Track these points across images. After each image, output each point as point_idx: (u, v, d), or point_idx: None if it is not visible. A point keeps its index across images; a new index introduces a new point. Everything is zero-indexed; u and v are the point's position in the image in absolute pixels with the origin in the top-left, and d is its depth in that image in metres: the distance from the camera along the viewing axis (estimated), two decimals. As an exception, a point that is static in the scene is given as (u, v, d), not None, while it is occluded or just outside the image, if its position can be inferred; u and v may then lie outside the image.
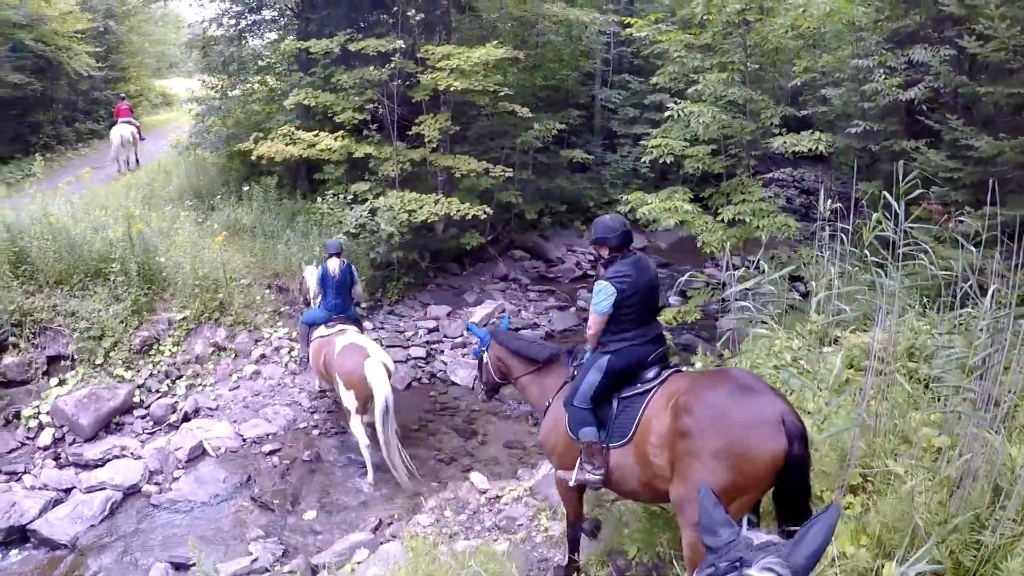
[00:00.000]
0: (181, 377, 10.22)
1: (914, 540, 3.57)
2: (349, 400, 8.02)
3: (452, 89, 12.23)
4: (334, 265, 8.90)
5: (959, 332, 5.02)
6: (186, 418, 9.53)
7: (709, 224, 10.30)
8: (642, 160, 11.52)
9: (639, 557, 5.03)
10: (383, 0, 13.95)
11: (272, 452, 8.87)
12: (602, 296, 4.52)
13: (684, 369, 4.90)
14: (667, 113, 9.92)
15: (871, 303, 5.97)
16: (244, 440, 9.15)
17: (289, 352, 10.94)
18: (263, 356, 10.86)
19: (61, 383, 9.46)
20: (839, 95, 11.75)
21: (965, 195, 8.25)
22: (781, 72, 13.05)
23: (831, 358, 5.58)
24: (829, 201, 5.57)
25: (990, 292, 4.23)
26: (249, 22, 15.36)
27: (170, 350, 10.42)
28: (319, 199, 12.99)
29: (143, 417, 9.59)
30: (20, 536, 7.47)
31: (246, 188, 13.52)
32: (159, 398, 9.82)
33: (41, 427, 9.08)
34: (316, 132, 12.88)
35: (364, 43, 12.44)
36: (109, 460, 8.58)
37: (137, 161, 18.07)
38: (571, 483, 4.89)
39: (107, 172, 16.77)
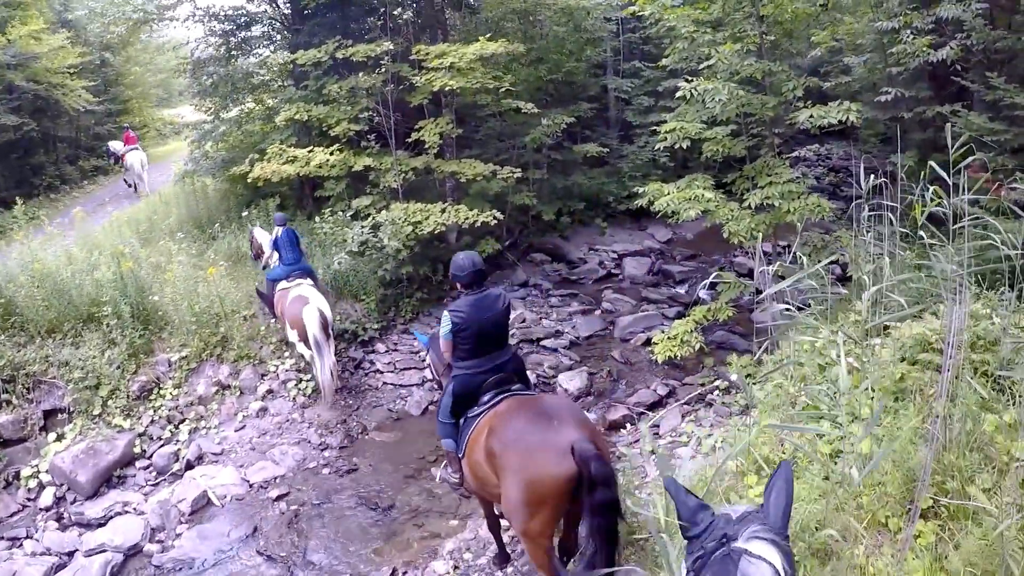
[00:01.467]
0: (184, 421, 9.59)
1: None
2: (293, 336, 9.56)
3: (449, 89, 11.51)
4: (283, 233, 10.30)
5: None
6: (189, 466, 8.90)
7: (735, 212, 9.42)
8: (658, 148, 10.61)
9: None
10: (374, 5, 13.29)
11: (280, 497, 8.17)
12: (443, 323, 5.32)
13: (518, 392, 5.33)
14: (679, 93, 9.00)
15: (925, 289, 5.17)
16: (251, 486, 8.47)
17: (297, 385, 10.27)
18: (270, 391, 10.18)
19: (59, 438, 8.92)
20: (863, 63, 10.81)
21: (1012, 159, 7.44)
22: (796, 48, 12.07)
23: (882, 352, 4.78)
24: (872, 176, 4.74)
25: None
26: (239, 40, 14.79)
27: (171, 393, 9.81)
28: (317, 219, 12.32)
29: (146, 468, 8.95)
30: (23, 607, 6.86)
31: (245, 213, 12.90)
32: (161, 446, 9.19)
33: (42, 486, 8.51)
34: (310, 148, 12.21)
35: (353, 49, 11.76)
36: (111, 518, 7.99)
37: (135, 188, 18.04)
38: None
39: (107, 209, 16.31)
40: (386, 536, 7.32)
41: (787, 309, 4.72)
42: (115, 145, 19.54)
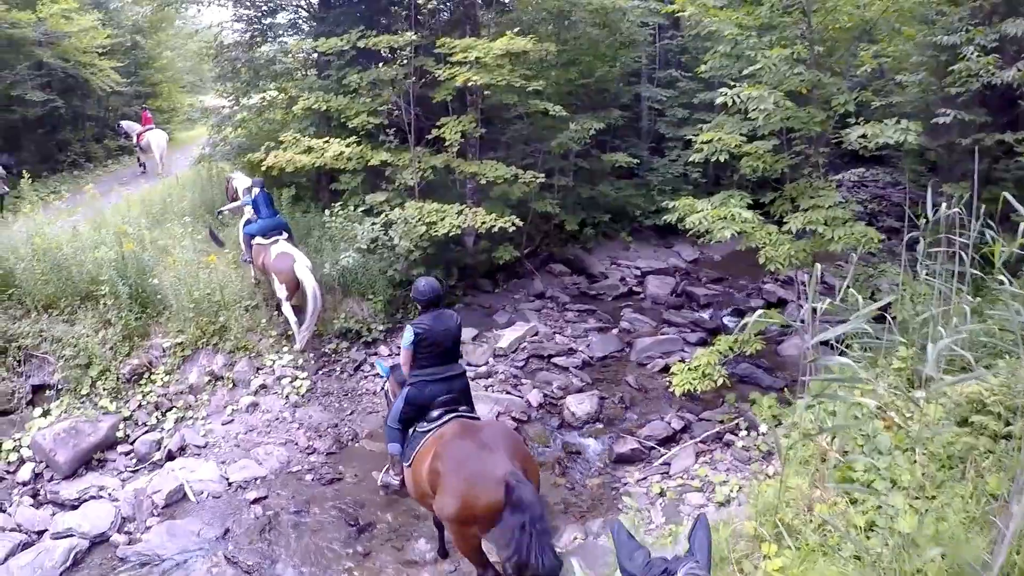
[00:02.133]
0: (171, 409, 9.23)
1: None
2: (281, 291, 10.15)
3: (471, 84, 11.03)
4: (260, 193, 10.94)
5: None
6: (171, 456, 8.52)
7: (773, 235, 8.66)
8: (692, 160, 9.92)
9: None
10: (403, -2, 12.84)
11: (257, 500, 7.67)
12: (406, 335, 5.93)
13: (463, 415, 5.88)
14: (719, 100, 8.18)
15: (985, 340, 4.52)
16: (229, 484, 8.01)
17: (292, 382, 9.82)
18: (263, 386, 9.74)
19: (45, 414, 8.78)
20: (917, 82, 10.07)
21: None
22: (839, 66, 11.20)
23: (929, 409, 4.14)
24: (944, 206, 4.11)
25: None
26: (263, 26, 14.48)
27: (162, 379, 9.50)
28: (327, 212, 11.86)
29: (127, 454, 8.62)
30: (-19, 583, 6.57)
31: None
32: (145, 432, 8.86)
33: (22, 461, 8.29)
34: (326, 139, 11.75)
35: (376, 39, 11.31)
36: (85, 501, 7.72)
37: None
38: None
39: (125, 188, 16.00)
40: (361, 556, 6.75)
41: (830, 348, 4.06)
42: (129, 125, 19.42)
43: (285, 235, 10.74)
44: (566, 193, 15.23)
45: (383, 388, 7.39)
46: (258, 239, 10.70)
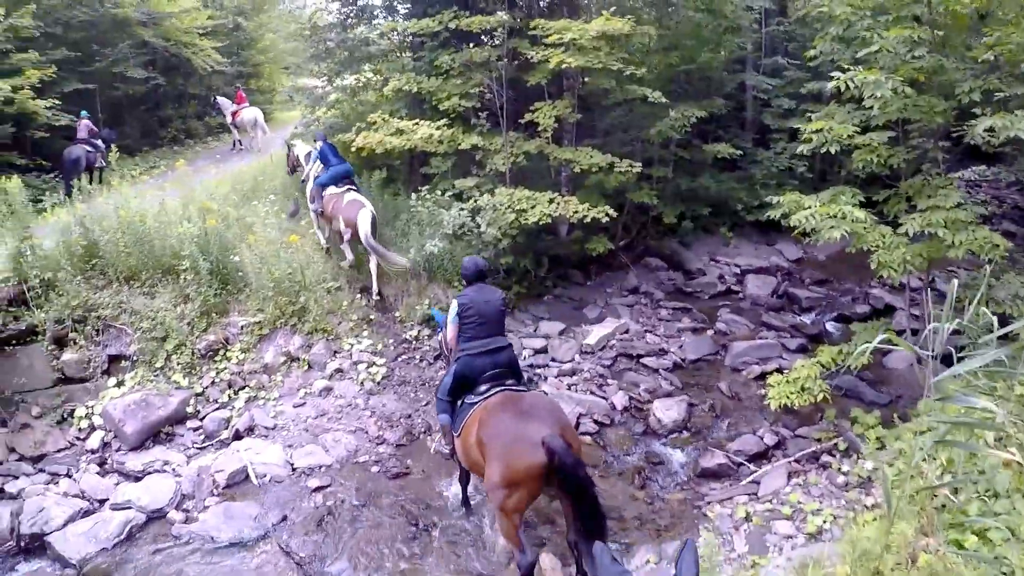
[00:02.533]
0: (244, 388, 9.15)
1: None
2: (344, 232, 10.64)
3: (566, 67, 10.52)
4: (324, 145, 11.53)
5: None
6: (238, 436, 8.42)
7: (887, 238, 7.77)
8: (798, 153, 9.06)
9: None
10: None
11: (319, 489, 7.44)
12: (451, 309, 6.44)
13: (510, 388, 6.06)
14: (831, 84, 7.28)
15: None
16: (293, 469, 7.83)
17: (368, 368, 9.58)
18: (339, 371, 9.54)
19: (119, 384, 8.83)
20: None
21: None
22: (954, 51, 9.87)
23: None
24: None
25: None
26: (358, 7, 14.38)
27: (237, 357, 9.44)
28: (413, 197, 11.56)
29: (195, 430, 8.62)
30: (41, 546, 6.73)
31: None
32: (216, 409, 8.82)
33: (93, 429, 8.44)
34: (416, 121, 11.46)
35: (469, 20, 10.98)
36: (149, 474, 7.75)
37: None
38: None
39: (220, 165, 16.23)
40: (418, 558, 6.40)
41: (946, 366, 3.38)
42: (223, 101, 19.76)
43: (353, 185, 11.21)
44: (665, 184, 14.49)
45: (438, 339, 7.83)
46: (331, 188, 11.10)
